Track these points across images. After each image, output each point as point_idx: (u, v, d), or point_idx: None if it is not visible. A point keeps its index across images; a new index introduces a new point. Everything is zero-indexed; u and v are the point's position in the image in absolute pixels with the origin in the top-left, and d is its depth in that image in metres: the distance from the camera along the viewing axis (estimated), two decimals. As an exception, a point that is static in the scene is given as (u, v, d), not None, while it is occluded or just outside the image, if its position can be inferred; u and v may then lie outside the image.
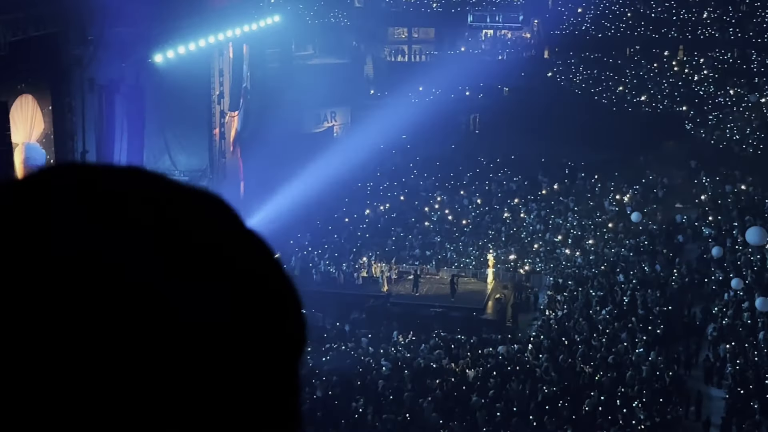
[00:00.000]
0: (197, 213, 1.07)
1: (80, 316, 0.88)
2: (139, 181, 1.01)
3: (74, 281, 0.88)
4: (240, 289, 1.02)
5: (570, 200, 47.97)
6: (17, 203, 0.92)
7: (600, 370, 29.96)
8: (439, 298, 38.27)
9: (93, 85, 31.83)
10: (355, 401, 28.17)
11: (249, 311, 1.02)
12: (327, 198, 46.37)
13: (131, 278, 0.90)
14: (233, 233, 1.10)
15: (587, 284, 37.88)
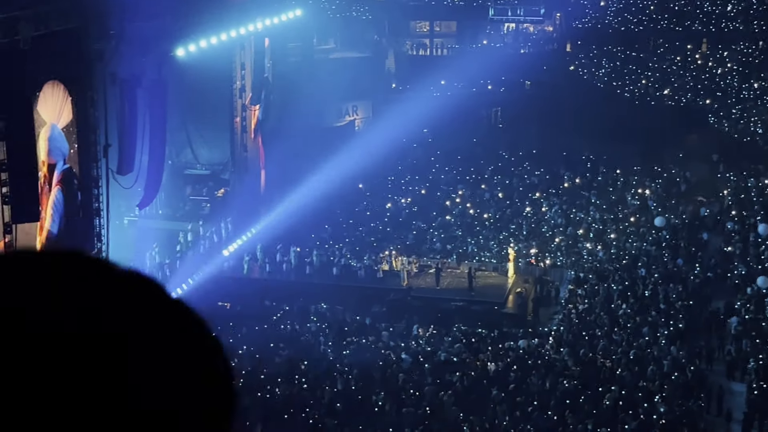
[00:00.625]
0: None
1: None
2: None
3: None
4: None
5: (592, 194, 47.79)
6: None
7: (621, 364, 29.87)
8: (460, 291, 38.25)
9: (115, 79, 31.95)
10: (376, 395, 28.22)
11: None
12: (348, 192, 46.43)
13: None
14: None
15: (609, 278, 37.74)
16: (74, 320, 1.20)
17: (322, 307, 36.31)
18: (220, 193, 44.96)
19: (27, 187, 26.87)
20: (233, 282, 38.26)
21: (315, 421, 26.57)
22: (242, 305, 36.23)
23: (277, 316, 35.35)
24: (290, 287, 38.19)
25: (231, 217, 42.97)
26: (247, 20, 42.35)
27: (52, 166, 29.63)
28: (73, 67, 30.09)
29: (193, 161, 45.17)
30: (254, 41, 45.12)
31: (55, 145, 29.77)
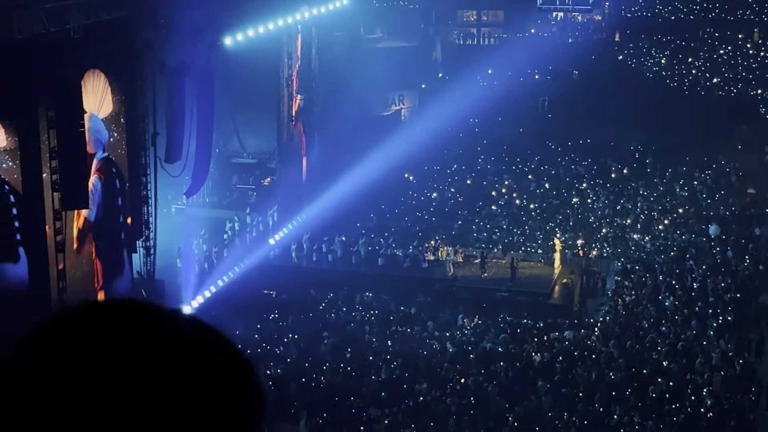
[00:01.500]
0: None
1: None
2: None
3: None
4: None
5: (640, 185, 47.34)
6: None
7: (668, 356, 29.58)
8: (505, 282, 38.10)
9: (164, 67, 32.18)
10: (420, 384, 28.22)
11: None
12: (394, 181, 46.41)
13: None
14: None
15: (656, 270, 37.38)
16: (149, 382, 1.36)
17: (367, 296, 36.38)
18: (267, 181, 45.15)
19: (76, 174, 27.18)
20: (279, 270, 38.44)
21: (359, 410, 26.63)
22: (288, 294, 36.39)
23: (322, 305, 35.48)
24: (336, 276, 38.30)
25: (277, 206, 43.15)
26: (295, 9, 42.45)
27: (91, 156, 29.87)
28: (122, 56, 30.36)
29: (240, 150, 45.42)
30: (301, 30, 45.22)
31: (94, 135, 30.02)
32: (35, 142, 26.55)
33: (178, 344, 1.43)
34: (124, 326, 1.42)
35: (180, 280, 35.32)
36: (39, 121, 26.42)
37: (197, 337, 1.48)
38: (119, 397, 1.33)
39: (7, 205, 27.03)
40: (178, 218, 40.08)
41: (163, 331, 1.44)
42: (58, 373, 1.35)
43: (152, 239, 32.48)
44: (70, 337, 1.41)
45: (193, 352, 1.44)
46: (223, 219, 41.70)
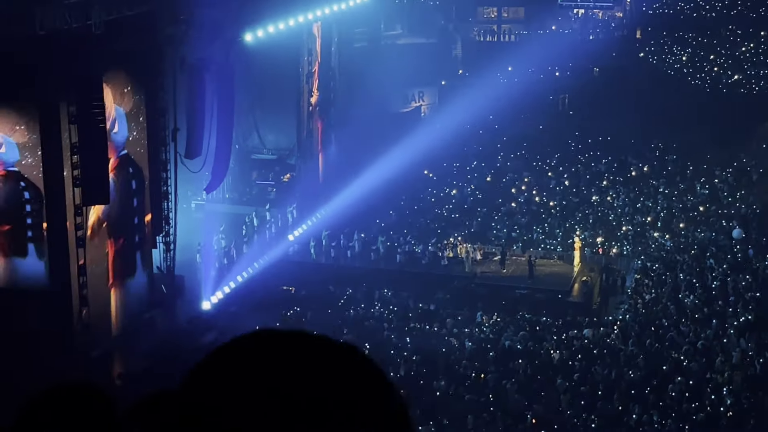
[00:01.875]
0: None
1: None
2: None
3: None
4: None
5: (660, 182, 47.13)
6: None
7: (688, 355, 29.46)
8: (525, 279, 38.02)
9: (184, 63, 32.28)
10: (438, 381, 28.22)
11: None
12: (413, 178, 46.38)
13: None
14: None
15: (676, 268, 37.21)
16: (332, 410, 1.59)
17: (386, 293, 36.39)
18: (286, 178, 45.24)
19: (97, 170, 27.29)
20: (298, 267, 38.49)
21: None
22: (307, 290, 36.45)
23: (341, 302, 35.52)
24: (355, 273, 38.33)
25: (296, 202, 43.22)
26: (315, 6, 42.49)
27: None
28: (143, 52, 30.45)
29: (259, 146, 45.52)
30: (322, 26, 45.27)
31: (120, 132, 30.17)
32: (56, 137, 26.68)
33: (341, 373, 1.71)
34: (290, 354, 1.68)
35: (199, 275, 35.43)
36: (60, 116, 26.54)
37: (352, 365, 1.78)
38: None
39: (21, 201, 27.23)
40: (198, 214, 40.20)
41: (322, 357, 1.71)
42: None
43: (172, 235, 32.58)
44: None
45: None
46: (243, 215, 41.80)
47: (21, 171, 27.16)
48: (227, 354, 1.73)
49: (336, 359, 1.69)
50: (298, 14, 40.58)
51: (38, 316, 26.62)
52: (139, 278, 31.65)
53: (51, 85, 26.07)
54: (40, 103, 26.58)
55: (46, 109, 26.65)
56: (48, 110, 26.64)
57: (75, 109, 26.64)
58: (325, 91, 47.22)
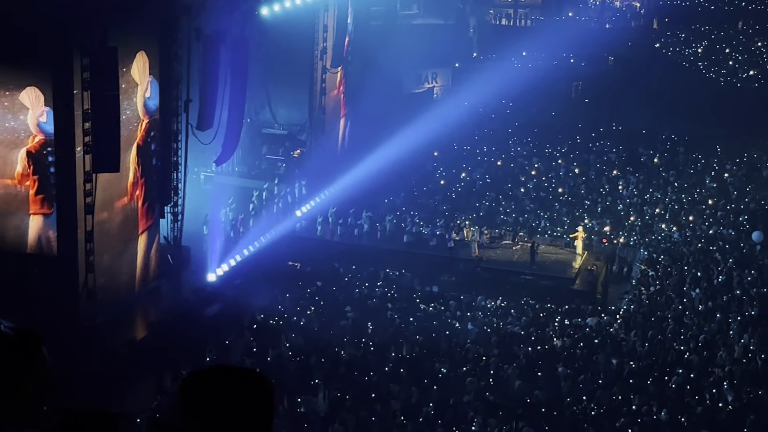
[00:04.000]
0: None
1: None
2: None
3: None
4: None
5: (670, 174, 47.03)
6: None
7: (690, 348, 29.48)
8: (529, 265, 38.03)
9: (199, 34, 32.18)
10: (440, 363, 28.27)
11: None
12: (423, 159, 46.34)
13: None
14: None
15: (682, 260, 37.19)
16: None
17: (391, 273, 36.43)
18: (296, 153, 45.23)
19: (108, 137, 27.29)
20: (305, 243, 38.55)
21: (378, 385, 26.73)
22: (312, 266, 36.50)
23: (346, 279, 35.57)
24: (361, 251, 38.37)
25: (306, 178, 43.23)
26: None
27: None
28: (159, 21, 30.40)
29: (271, 121, 45.50)
30: (338, 3, 45.11)
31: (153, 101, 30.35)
32: (69, 103, 26.67)
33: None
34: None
35: (206, 247, 35.49)
36: (74, 82, 26.53)
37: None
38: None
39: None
40: (207, 186, 40.26)
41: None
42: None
43: (180, 205, 32.62)
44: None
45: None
46: (252, 189, 41.84)
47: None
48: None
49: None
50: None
51: (45, 279, 26.72)
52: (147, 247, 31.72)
53: (65, 50, 26.07)
54: (54, 68, 26.54)
55: (60, 74, 26.61)
56: (61, 76, 26.61)
57: (89, 76, 26.62)
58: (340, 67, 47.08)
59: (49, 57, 26.17)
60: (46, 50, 25.90)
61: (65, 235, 27.46)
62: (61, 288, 27.07)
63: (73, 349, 24.26)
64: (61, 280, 27.20)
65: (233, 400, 2.89)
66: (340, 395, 25.67)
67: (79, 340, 25.77)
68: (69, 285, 27.38)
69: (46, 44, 25.73)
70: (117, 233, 29.51)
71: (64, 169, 27.10)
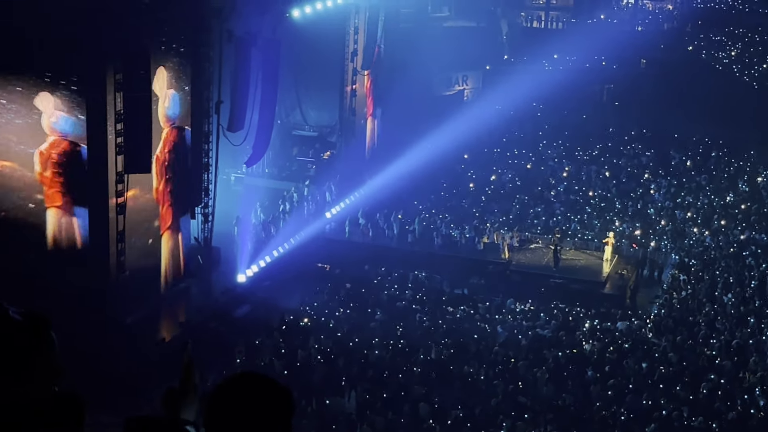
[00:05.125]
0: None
1: None
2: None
3: None
4: None
5: (702, 178, 46.67)
6: None
7: (722, 353, 29.23)
8: (561, 269, 37.87)
9: (231, 36, 32.33)
10: (469, 365, 28.21)
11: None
12: (453, 161, 46.27)
13: None
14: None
15: (714, 265, 36.88)
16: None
17: (421, 275, 36.39)
18: (326, 155, 45.32)
19: (140, 138, 27.50)
20: (334, 244, 38.59)
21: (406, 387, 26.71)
22: (342, 268, 36.53)
23: (375, 281, 35.57)
24: (390, 253, 38.36)
25: (335, 180, 43.29)
26: (364, -16, 42.39)
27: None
28: (191, 23, 30.56)
29: (301, 122, 45.61)
30: (368, 6, 45.17)
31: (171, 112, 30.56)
32: (102, 104, 26.88)
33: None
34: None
35: (236, 248, 35.63)
36: (107, 83, 26.73)
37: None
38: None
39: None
40: (237, 187, 40.41)
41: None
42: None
43: (211, 206, 32.77)
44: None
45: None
46: (282, 190, 41.96)
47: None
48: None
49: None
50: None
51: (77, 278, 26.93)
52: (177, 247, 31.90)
53: (99, 51, 26.27)
54: (88, 70, 26.76)
55: (93, 75, 26.83)
56: (95, 77, 26.83)
57: (121, 77, 26.82)
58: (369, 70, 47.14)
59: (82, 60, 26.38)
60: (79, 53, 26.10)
61: (96, 235, 27.67)
62: (92, 287, 27.26)
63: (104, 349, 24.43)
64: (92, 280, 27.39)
65: (253, 413, 3.04)
66: (369, 397, 25.67)
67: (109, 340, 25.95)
68: (100, 285, 27.58)
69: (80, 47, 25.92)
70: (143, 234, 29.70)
71: (96, 170, 27.31)
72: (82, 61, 26.38)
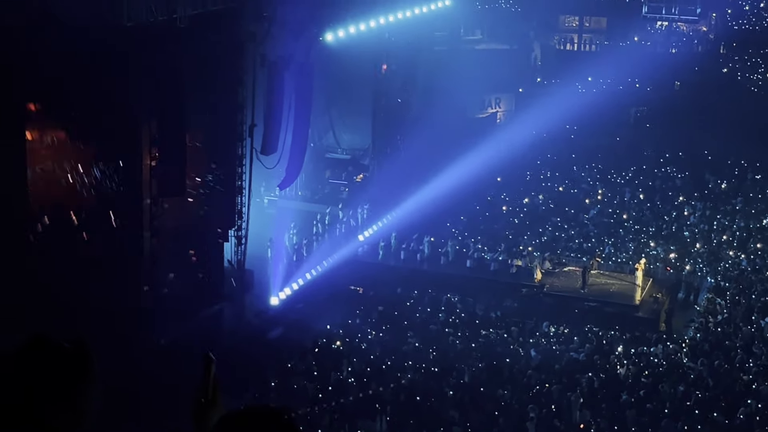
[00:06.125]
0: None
1: None
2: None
3: None
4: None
5: (738, 201, 46.25)
6: None
7: (759, 377, 28.87)
8: (595, 292, 37.63)
9: (265, 60, 32.57)
10: (502, 389, 28.06)
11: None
12: (486, 184, 46.19)
13: None
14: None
15: (751, 289, 36.49)
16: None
17: (453, 298, 36.31)
18: (359, 178, 45.41)
19: (174, 162, 27.70)
20: (367, 267, 38.60)
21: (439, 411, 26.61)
22: (375, 291, 36.53)
23: (408, 304, 35.52)
24: (423, 276, 38.32)
25: (368, 203, 43.35)
26: (396, 8, 42.53)
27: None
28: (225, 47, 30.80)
29: (334, 145, 45.77)
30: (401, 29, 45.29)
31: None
32: (137, 128, 27.12)
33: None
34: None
35: (269, 270, 35.74)
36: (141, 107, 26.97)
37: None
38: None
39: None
40: (271, 210, 40.56)
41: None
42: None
43: (244, 229, 32.91)
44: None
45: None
46: (315, 213, 42.07)
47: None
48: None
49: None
50: (379, 16, 40.69)
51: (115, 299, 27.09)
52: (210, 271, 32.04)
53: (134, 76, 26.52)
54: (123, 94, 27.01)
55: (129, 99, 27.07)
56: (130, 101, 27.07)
57: (156, 101, 27.05)
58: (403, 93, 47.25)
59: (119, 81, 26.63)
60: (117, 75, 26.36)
61: (131, 257, 27.84)
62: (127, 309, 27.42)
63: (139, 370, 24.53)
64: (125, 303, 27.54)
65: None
66: (401, 420, 25.59)
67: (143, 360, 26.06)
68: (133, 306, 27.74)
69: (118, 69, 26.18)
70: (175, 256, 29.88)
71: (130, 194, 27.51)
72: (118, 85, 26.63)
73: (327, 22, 36.77)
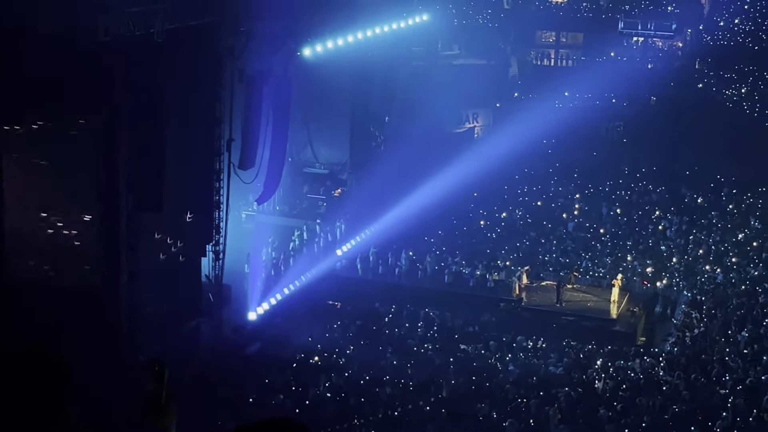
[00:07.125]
0: None
1: None
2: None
3: None
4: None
5: (714, 215, 46.55)
6: None
7: (735, 391, 29.02)
8: (572, 306, 37.73)
9: (242, 75, 32.54)
10: (480, 403, 28.07)
11: None
12: (463, 199, 46.28)
13: None
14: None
15: (727, 303, 36.71)
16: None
17: (432, 312, 36.32)
18: (337, 193, 45.41)
19: (152, 177, 27.60)
20: (345, 282, 38.57)
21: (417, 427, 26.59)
22: (353, 306, 36.49)
23: (386, 319, 35.51)
24: (401, 291, 38.32)
25: (346, 218, 43.35)
26: (374, 23, 42.65)
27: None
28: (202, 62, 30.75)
29: (312, 160, 45.76)
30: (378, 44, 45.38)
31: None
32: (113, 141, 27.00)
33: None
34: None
35: (247, 285, 35.64)
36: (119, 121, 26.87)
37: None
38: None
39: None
40: (248, 225, 40.48)
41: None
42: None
43: (222, 244, 32.82)
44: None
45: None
46: (293, 227, 42.03)
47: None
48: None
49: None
50: (357, 30, 40.78)
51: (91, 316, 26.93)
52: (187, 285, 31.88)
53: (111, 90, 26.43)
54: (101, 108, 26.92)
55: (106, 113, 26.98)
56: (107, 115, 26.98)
57: (134, 116, 26.96)
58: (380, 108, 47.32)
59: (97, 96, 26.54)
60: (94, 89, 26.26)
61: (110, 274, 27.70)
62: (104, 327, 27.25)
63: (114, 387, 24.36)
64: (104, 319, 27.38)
65: None
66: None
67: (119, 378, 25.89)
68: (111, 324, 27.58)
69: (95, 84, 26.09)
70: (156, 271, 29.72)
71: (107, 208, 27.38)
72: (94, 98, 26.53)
73: (305, 37, 36.81)
